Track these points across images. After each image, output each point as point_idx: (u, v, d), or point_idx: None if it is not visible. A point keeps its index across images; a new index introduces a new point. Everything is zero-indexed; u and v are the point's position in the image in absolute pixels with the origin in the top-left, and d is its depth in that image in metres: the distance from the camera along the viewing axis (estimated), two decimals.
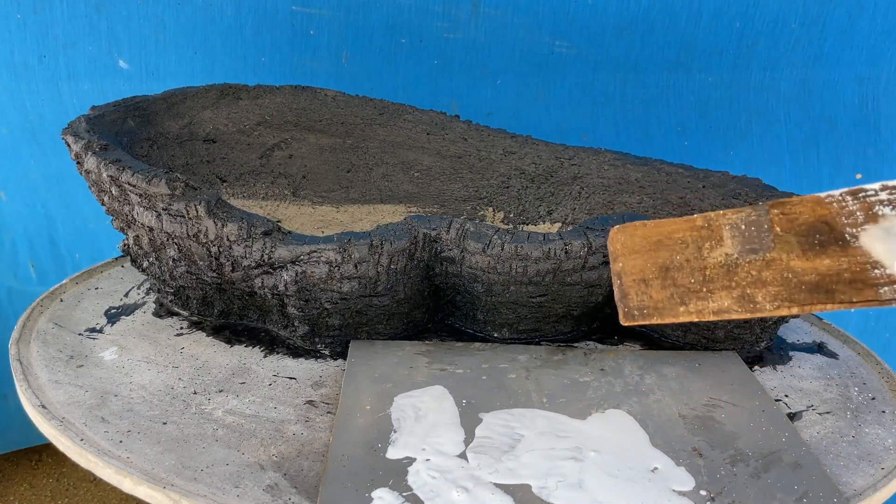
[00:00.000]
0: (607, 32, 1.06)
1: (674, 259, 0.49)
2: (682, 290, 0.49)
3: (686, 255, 0.49)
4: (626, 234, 0.51)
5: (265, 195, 0.93)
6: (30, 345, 0.71)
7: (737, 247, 0.46)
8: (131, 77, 1.14)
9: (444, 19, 1.10)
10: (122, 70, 1.13)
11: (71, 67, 1.13)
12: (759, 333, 0.72)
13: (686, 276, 0.49)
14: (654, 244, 0.50)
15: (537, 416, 0.60)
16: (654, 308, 0.50)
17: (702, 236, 0.48)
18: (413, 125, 0.95)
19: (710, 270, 0.48)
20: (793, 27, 1.03)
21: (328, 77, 1.12)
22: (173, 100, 0.90)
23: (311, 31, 1.11)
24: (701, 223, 0.48)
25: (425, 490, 0.51)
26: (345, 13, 1.11)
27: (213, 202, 0.66)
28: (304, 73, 1.13)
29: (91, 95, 1.14)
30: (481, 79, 1.11)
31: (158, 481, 0.54)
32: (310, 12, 1.10)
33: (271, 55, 1.13)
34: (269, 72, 1.13)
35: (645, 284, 0.50)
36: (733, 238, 0.47)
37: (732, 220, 0.47)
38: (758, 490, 0.53)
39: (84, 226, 1.23)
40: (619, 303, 0.52)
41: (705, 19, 1.04)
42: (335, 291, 0.66)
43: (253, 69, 1.13)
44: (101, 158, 0.69)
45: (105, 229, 1.23)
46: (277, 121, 0.95)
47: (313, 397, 0.65)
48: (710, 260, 0.48)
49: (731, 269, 0.47)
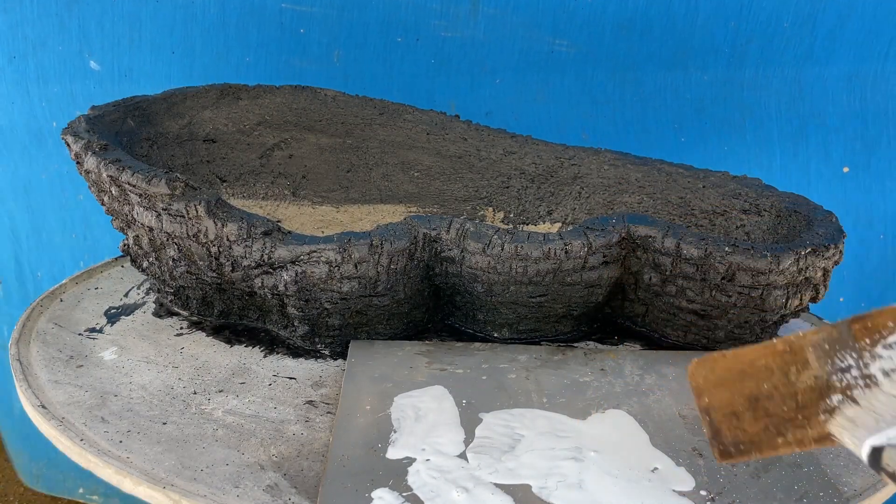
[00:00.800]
0: (607, 31, 1.06)
1: (761, 388, 0.47)
2: (777, 421, 0.46)
3: (773, 383, 0.46)
4: (706, 367, 0.49)
5: (265, 195, 0.93)
6: (30, 345, 0.71)
7: (825, 367, 0.44)
8: (103, 79, 1.10)
9: (441, 17, 1.08)
10: (94, 71, 1.10)
11: (41, 69, 1.09)
12: (760, 334, 0.72)
13: (778, 404, 0.46)
14: (738, 374, 0.48)
15: (537, 416, 0.60)
16: (750, 442, 0.48)
17: (786, 361, 0.46)
18: (413, 125, 0.95)
19: (802, 396, 0.45)
20: (785, 26, 1.03)
21: (319, 77, 1.09)
22: (173, 100, 0.90)
23: (301, 30, 1.08)
24: (782, 347, 0.46)
25: (425, 490, 0.51)
26: (338, 10, 1.08)
27: (212, 202, 0.66)
28: (292, 73, 1.10)
29: (61, 98, 1.11)
30: (480, 78, 1.10)
31: (158, 481, 0.54)
32: (301, 10, 1.07)
33: (257, 54, 1.09)
34: (254, 72, 1.10)
35: (736, 418, 0.48)
36: (819, 359, 0.45)
37: (814, 341, 0.45)
38: (758, 490, 0.53)
39: (49, 240, 1.21)
40: (713, 440, 0.49)
41: (702, 18, 1.04)
42: (335, 291, 0.66)
43: (236, 69, 1.10)
44: (101, 158, 0.69)
45: (69, 244, 1.20)
46: (277, 121, 0.95)
47: (313, 397, 0.65)
48: (799, 385, 0.45)
49: (824, 391, 0.45)
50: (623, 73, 1.07)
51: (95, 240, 1.20)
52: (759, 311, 0.69)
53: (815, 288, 0.70)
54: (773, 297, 0.68)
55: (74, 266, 1.20)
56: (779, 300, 0.68)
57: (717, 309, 0.70)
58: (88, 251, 1.20)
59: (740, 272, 0.67)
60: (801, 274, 0.68)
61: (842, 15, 1.02)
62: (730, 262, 0.67)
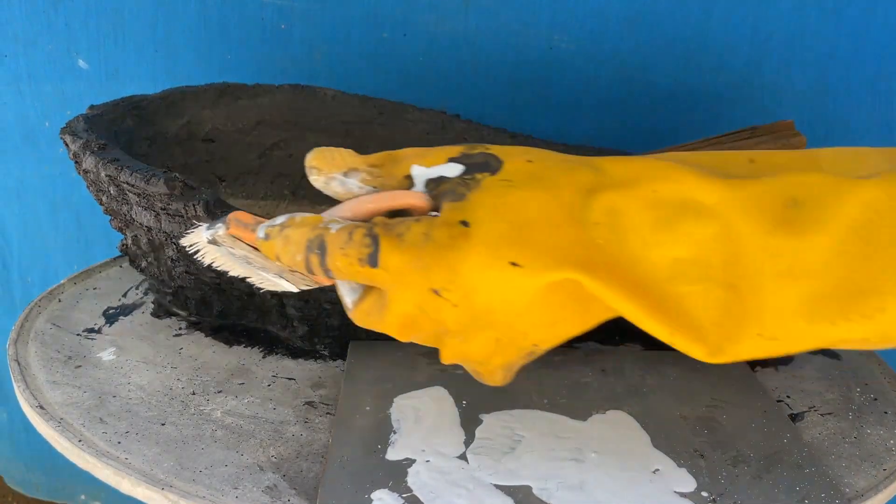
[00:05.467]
0: (611, 26, 1.02)
1: None
2: None
3: None
4: None
5: (264, 195, 0.93)
6: (28, 345, 0.71)
7: None
8: (91, 78, 1.08)
9: (431, 11, 1.03)
10: (83, 70, 1.08)
11: (32, 68, 1.08)
12: None
13: None
14: None
15: (538, 417, 0.60)
16: None
17: None
18: (413, 124, 0.95)
19: None
20: (807, 22, 0.99)
21: (301, 76, 1.04)
22: (172, 99, 0.89)
23: (282, 26, 1.05)
24: None
25: (425, 491, 0.51)
26: (320, 5, 1.04)
27: (211, 202, 0.66)
28: (274, 71, 1.07)
29: (52, 98, 1.09)
30: (472, 76, 1.06)
31: (157, 482, 0.54)
32: (281, 4, 1.04)
33: (238, 52, 1.06)
34: (235, 70, 1.07)
35: None
36: None
37: None
38: (759, 491, 0.53)
39: (42, 243, 1.19)
40: None
41: (717, 13, 1.00)
42: (335, 291, 0.66)
43: (218, 68, 1.07)
44: (100, 158, 0.69)
45: (63, 247, 1.19)
46: (276, 120, 0.95)
47: (313, 398, 0.65)
48: None
49: None
50: (630, 72, 1.03)
51: (88, 242, 1.18)
52: None
53: None
54: None
55: (67, 269, 1.18)
56: None
57: None
58: (81, 253, 1.18)
59: None
60: None
61: (866, 9, 0.99)
62: None
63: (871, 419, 0.66)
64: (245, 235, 0.48)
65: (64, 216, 1.18)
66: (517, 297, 0.41)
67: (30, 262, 1.22)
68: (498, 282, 0.40)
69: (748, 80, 1.03)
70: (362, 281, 0.45)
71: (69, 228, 1.18)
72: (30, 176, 1.15)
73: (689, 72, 1.03)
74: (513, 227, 0.41)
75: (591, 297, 0.41)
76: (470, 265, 0.40)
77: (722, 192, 0.41)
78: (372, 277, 0.43)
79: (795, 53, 1.02)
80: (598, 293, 0.40)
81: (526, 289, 0.41)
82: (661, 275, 0.41)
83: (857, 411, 0.67)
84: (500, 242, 0.40)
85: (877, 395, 0.70)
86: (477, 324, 0.43)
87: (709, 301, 0.41)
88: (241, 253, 0.48)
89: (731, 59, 1.02)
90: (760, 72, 1.03)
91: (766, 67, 1.03)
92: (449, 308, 0.42)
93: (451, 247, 0.40)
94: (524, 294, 0.41)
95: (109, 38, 1.07)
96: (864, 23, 1.00)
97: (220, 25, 1.07)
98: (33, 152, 1.14)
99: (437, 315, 0.43)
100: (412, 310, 0.43)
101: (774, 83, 1.03)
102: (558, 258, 0.40)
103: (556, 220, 0.41)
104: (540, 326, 0.44)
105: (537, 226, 0.41)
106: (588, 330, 0.45)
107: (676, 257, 0.41)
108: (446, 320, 0.43)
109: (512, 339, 0.44)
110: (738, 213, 0.41)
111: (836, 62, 1.02)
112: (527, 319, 0.43)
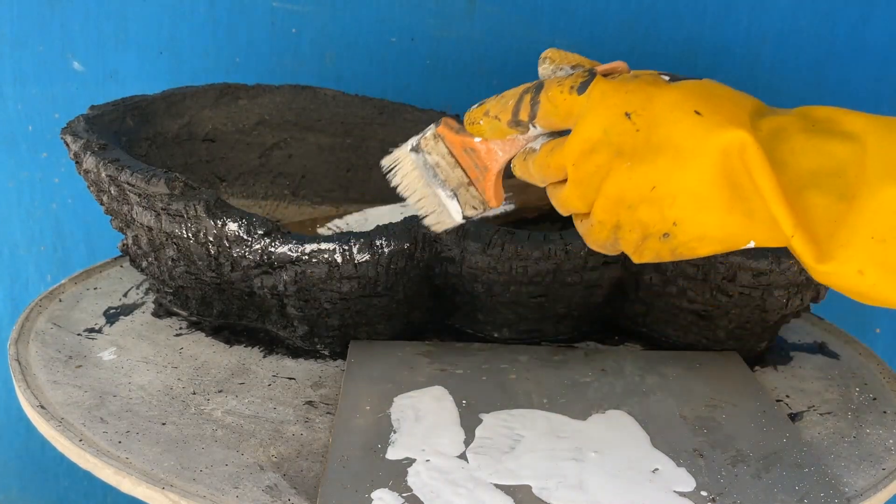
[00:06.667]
0: (609, 29, 1.04)
1: None
2: None
3: None
4: None
5: (265, 195, 0.93)
6: (28, 345, 0.71)
7: None
8: (86, 80, 1.08)
9: (437, 16, 1.06)
10: (76, 73, 1.07)
11: (18, 70, 1.07)
12: (761, 333, 0.72)
13: None
14: None
15: (538, 416, 0.60)
16: None
17: None
18: (413, 124, 0.95)
19: None
20: (802, 23, 1.00)
21: (311, 78, 1.05)
22: (172, 99, 0.89)
23: (293, 30, 1.06)
24: None
25: (425, 491, 0.51)
26: (330, 10, 1.06)
27: (212, 202, 0.66)
28: (283, 74, 1.08)
29: (39, 101, 1.08)
30: (476, 79, 1.08)
31: (157, 482, 0.54)
32: (292, 9, 1.05)
33: (247, 55, 1.07)
34: (243, 73, 1.07)
35: None
36: None
37: None
38: (759, 491, 0.53)
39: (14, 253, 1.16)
40: None
41: (711, 14, 1.01)
42: (335, 291, 0.66)
43: (226, 70, 1.07)
44: (100, 158, 0.69)
45: (35, 257, 1.16)
46: (277, 120, 0.95)
47: (313, 398, 0.65)
48: None
49: None
50: None
51: (67, 251, 1.16)
52: (760, 311, 0.69)
53: (816, 288, 0.70)
54: (774, 298, 0.68)
55: (39, 281, 1.16)
56: (780, 300, 0.68)
57: (718, 309, 0.70)
58: (57, 264, 1.16)
59: (741, 272, 0.67)
60: (802, 274, 0.68)
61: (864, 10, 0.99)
62: (731, 261, 0.67)
63: (871, 419, 0.66)
64: (449, 136, 0.54)
65: (41, 224, 1.15)
66: (688, 145, 0.47)
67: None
68: (679, 122, 0.47)
69: (743, 82, 1.04)
70: (561, 114, 0.50)
71: (46, 238, 1.16)
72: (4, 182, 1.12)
73: (687, 72, 1.04)
74: (704, 91, 0.48)
75: (742, 194, 0.46)
76: (663, 99, 0.48)
77: (865, 122, 0.47)
78: (570, 106, 0.50)
79: (790, 54, 1.03)
80: (755, 164, 0.45)
81: (698, 138, 0.46)
82: (799, 182, 0.46)
83: (857, 411, 0.67)
84: (692, 95, 0.48)
85: (876, 394, 0.70)
86: (648, 154, 0.48)
87: (830, 214, 0.45)
88: (433, 160, 0.54)
89: (726, 61, 1.04)
90: (755, 73, 1.04)
91: (761, 68, 1.04)
92: (632, 132, 0.48)
93: (653, 83, 0.49)
94: (695, 145, 0.47)
95: (110, 40, 1.07)
96: (860, 24, 1.00)
97: (229, 29, 1.07)
98: (10, 157, 1.11)
99: (618, 138, 0.48)
100: (597, 133, 0.49)
101: (769, 84, 1.04)
102: (733, 121, 0.46)
103: (738, 102, 0.48)
104: (690, 198, 0.47)
105: (723, 100, 0.48)
106: (724, 247, 0.48)
107: (816, 169, 0.46)
108: (625, 143, 0.48)
109: (660, 207, 0.48)
110: (875, 138, 0.46)
111: (831, 63, 1.02)
112: (684, 177, 0.47)
